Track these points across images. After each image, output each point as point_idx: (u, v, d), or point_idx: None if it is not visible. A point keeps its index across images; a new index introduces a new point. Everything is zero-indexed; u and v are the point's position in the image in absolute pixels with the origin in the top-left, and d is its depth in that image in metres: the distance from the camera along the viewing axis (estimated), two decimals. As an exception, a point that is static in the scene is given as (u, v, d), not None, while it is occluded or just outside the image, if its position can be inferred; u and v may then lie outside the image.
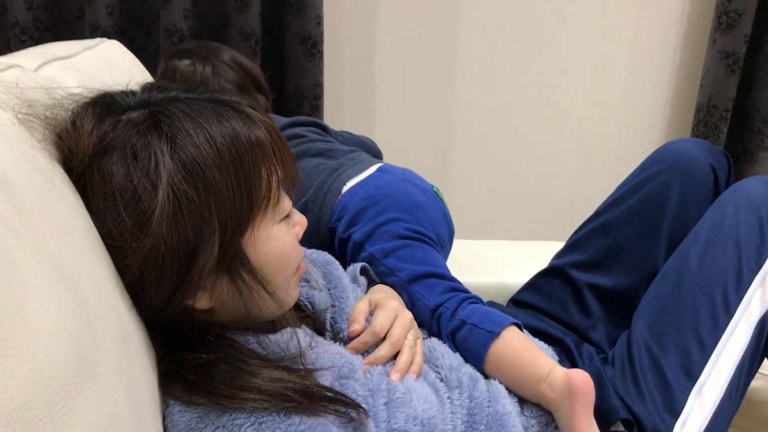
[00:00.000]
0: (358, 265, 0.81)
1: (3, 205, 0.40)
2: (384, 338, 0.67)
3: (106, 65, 0.74)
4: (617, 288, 0.87)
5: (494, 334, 0.72)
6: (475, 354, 0.73)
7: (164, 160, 0.50)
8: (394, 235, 0.83)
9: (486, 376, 0.72)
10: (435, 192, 0.97)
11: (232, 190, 0.52)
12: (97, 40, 0.82)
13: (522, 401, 0.71)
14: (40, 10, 1.42)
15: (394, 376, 0.63)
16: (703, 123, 1.63)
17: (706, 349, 0.75)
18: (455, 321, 0.75)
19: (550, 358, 0.74)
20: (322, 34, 1.46)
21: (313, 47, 1.45)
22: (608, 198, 0.92)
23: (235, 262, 0.55)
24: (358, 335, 0.68)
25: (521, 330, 0.75)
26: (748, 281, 0.76)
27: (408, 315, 0.71)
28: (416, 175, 0.98)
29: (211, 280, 0.54)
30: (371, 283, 0.83)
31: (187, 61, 1.12)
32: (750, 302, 0.75)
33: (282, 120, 1.13)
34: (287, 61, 1.48)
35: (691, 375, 0.74)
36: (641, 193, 0.86)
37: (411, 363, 0.66)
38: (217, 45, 1.21)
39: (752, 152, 1.64)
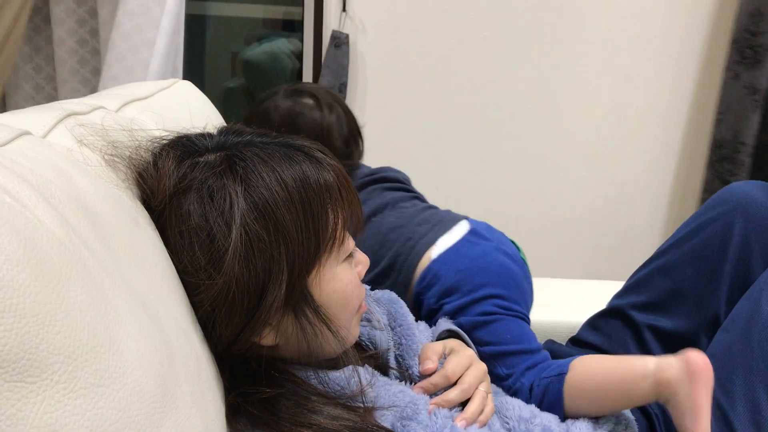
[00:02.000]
0: (443, 325, 0.82)
1: (95, 242, 0.43)
2: (455, 384, 0.67)
3: (180, 105, 0.79)
4: (678, 330, 0.87)
5: (563, 374, 0.72)
6: (554, 399, 0.74)
7: (238, 201, 0.53)
8: (487, 312, 0.85)
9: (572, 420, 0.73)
10: (522, 258, 0.98)
11: (301, 231, 0.55)
12: (171, 80, 0.87)
13: None
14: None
15: (461, 423, 0.63)
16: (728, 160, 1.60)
17: None
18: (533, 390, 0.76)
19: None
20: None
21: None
22: (669, 239, 0.92)
23: (300, 300, 0.57)
24: (430, 374, 0.68)
25: None
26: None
27: (482, 366, 0.71)
28: (506, 239, 0.98)
29: (277, 318, 0.56)
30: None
31: (310, 102, 1.07)
32: None
33: (367, 169, 1.12)
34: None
35: (762, 429, 0.72)
36: (702, 235, 0.87)
37: (480, 413, 0.66)
38: (334, 92, 1.15)
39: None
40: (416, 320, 0.79)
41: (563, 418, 0.75)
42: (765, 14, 1.47)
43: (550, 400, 0.75)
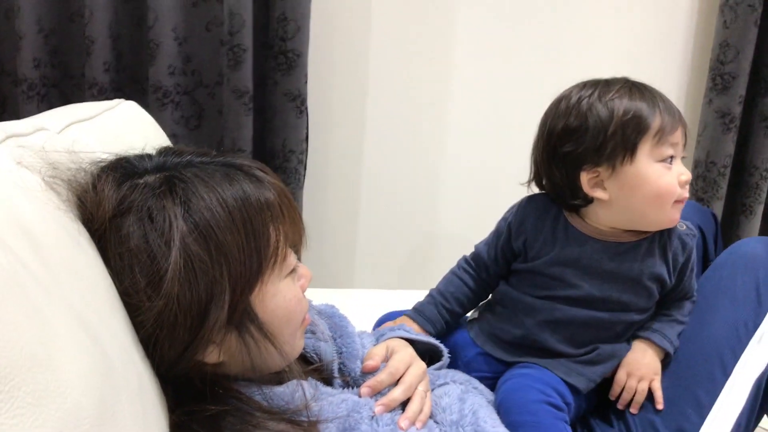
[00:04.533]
0: (393, 333, 0.83)
1: (32, 262, 0.44)
2: (397, 382, 0.70)
3: (125, 126, 0.80)
4: None
5: None
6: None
7: (177, 223, 0.55)
8: None
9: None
10: None
11: (243, 250, 0.57)
12: (116, 101, 0.88)
13: None
14: (47, 68, 1.51)
15: (403, 423, 0.66)
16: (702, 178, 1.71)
17: (703, 410, 0.79)
18: None
19: None
20: (306, 91, 1.53)
21: (301, 104, 1.53)
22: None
23: (244, 318, 0.59)
24: (372, 372, 0.71)
25: None
26: (745, 341, 0.80)
27: (422, 365, 0.74)
28: None
29: (220, 335, 0.58)
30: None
31: None
32: (747, 362, 0.79)
33: None
34: (275, 116, 1.55)
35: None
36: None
37: (419, 412, 0.69)
38: None
39: (750, 206, 1.73)
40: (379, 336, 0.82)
41: None
42: (731, 45, 1.60)
43: None
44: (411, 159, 1.76)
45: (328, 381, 0.73)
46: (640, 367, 0.85)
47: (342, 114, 1.70)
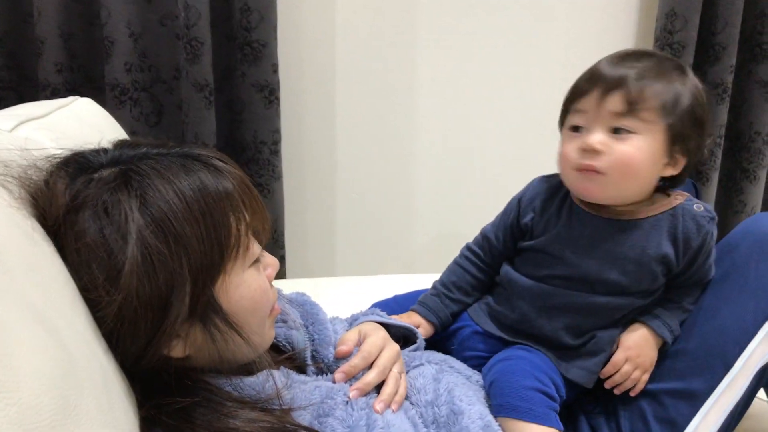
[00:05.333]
0: (367, 318, 0.83)
1: (-15, 261, 0.44)
2: (371, 366, 0.70)
3: (80, 122, 0.79)
4: None
5: None
6: None
7: (133, 216, 0.54)
8: None
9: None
10: None
11: (202, 241, 0.56)
12: (71, 98, 0.86)
13: None
14: (3, 71, 1.48)
15: (378, 406, 0.66)
16: None
17: (696, 401, 0.77)
18: None
19: None
20: (278, 82, 1.54)
21: (270, 94, 1.53)
22: None
23: (207, 310, 0.58)
24: (345, 357, 0.71)
25: None
26: (753, 331, 0.76)
27: (395, 347, 0.75)
28: None
29: (184, 329, 0.58)
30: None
31: None
32: (752, 354, 0.75)
33: None
34: (244, 109, 1.55)
35: (677, 426, 0.78)
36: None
37: (395, 394, 0.69)
38: None
39: (706, 173, 1.77)
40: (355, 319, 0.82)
41: None
42: (678, 14, 1.62)
43: None
44: (385, 145, 1.76)
45: (301, 369, 0.73)
46: (641, 355, 0.81)
47: (314, 103, 1.70)
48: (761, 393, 0.81)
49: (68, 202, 0.55)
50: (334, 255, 1.83)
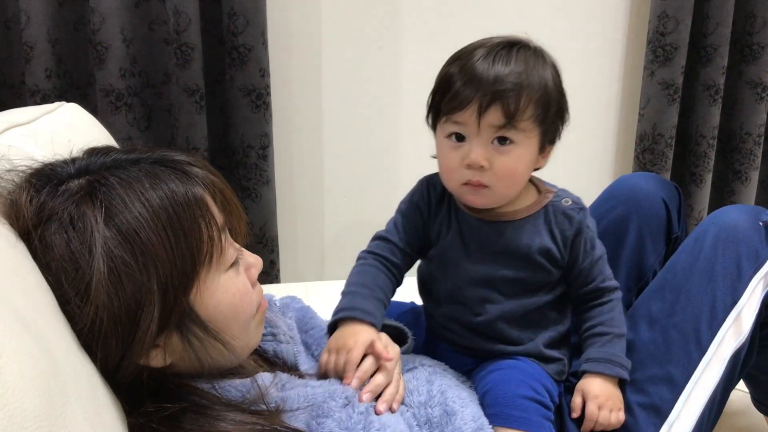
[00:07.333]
0: None
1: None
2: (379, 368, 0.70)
3: (66, 129, 0.78)
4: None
5: None
6: None
7: (98, 228, 0.53)
8: None
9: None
10: None
11: (171, 250, 0.55)
12: (57, 104, 0.86)
13: None
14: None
15: (381, 407, 0.66)
16: (649, 151, 1.75)
17: (676, 387, 0.79)
18: None
19: None
20: (267, 86, 1.54)
21: (258, 99, 1.53)
22: None
23: (183, 319, 0.58)
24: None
25: None
26: (722, 317, 0.80)
27: (397, 348, 0.75)
28: None
29: (162, 339, 0.57)
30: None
31: None
32: (723, 338, 0.79)
33: None
34: (233, 113, 1.55)
35: (661, 413, 0.79)
36: (599, 228, 0.89)
37: (396, 394, 0.69)
38: None
39: (699, 175, 1.78)
40: None
41: None
42: (671, 16, 1.63)
43: None
44: (373, 149, 1.77)
45: (301, 376, 0.72)
46: (610, 397, 0.81)
47: (304, 107, 1.70)
48: (742, 385, 0.83)
49: (33, 215, 0.54)
50: (324, 259, 1.83)
